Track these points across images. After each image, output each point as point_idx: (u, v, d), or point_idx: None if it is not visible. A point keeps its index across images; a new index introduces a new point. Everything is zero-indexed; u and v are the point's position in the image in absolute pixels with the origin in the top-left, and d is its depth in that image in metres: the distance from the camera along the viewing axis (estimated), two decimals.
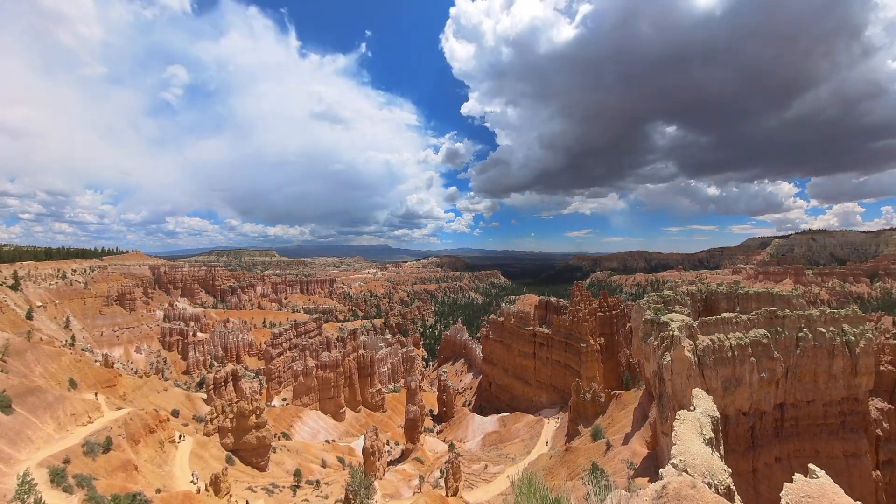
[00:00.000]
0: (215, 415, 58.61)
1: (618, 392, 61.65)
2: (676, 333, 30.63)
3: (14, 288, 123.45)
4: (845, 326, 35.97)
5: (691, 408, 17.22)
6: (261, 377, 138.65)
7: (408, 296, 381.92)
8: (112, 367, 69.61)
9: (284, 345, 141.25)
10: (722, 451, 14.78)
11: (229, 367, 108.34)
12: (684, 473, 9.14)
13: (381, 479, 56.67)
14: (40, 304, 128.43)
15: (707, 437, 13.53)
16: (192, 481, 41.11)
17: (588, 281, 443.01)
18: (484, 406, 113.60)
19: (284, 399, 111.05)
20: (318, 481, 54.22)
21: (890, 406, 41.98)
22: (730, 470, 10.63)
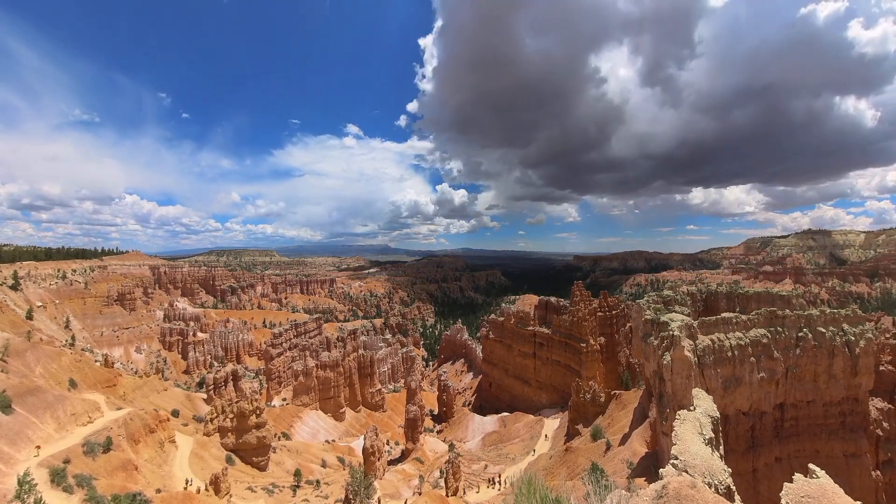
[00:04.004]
0: (215, 415, 58.61)
1: (618, 392, 61.63)
2: (676, 333, 30.61)
3: (14, 288, 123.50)
4: (845, 326, 35.96)
5: (691, 408, 17.23)
6: (261, 377, 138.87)
7: (408, 296, 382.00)
8: (112, 367, 69.62)
9: (284, 345, 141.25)
10: (722, 451, 14.79)
11: (229, 367, 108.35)
12: (684, 473, 9.14)
13: (381, 479, 56.67)
14: (40, 304, 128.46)
15: (707, 436, 13.55)
16: (187, 482, 41.06)
17: (588, 281, 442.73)
18: (484, 406, 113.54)
19: (284, 399, 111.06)
20: (318, 481, 54.20)
21: (890, 406, 41.96)
22: (730, 470, 10.64)
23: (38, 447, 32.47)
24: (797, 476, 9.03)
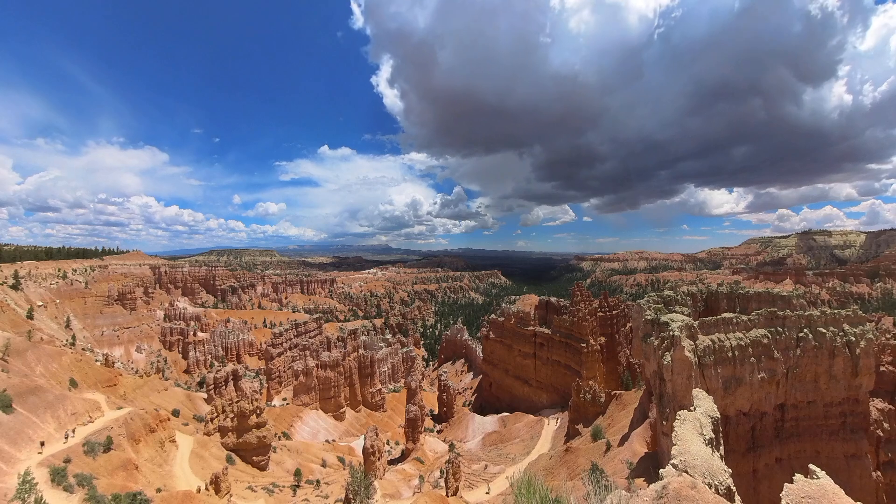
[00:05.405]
0: (216, 414, 58.65)
1: (618, 392, 61.60)
2: (677, 333, 30.60)
3: (15, 287, 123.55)
4: (846, 327, 35.93)
5: (692, 408, 17.23)
6: (261, 377, 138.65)
7: (408, 296, 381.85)
8: (112, 367, 69.66)
9: (285, 344, 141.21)
10: (722, 452, 14.78)
11: (230, 366, 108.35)
12: (684, 474, 9.14)
13: (381, 478, 56.65)
14: (41, 303, 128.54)
15: (707, 437, 13.54)
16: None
17: (588, 281, 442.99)
18: (484, 406, 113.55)
19: (285, 399, 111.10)
20: (318, 481, 54.23)
21: (890, 406, 41.95)
22: (730, 470, 10.64)
23: (42, 443, 32.72)
24: (797, 476, 9.03)
